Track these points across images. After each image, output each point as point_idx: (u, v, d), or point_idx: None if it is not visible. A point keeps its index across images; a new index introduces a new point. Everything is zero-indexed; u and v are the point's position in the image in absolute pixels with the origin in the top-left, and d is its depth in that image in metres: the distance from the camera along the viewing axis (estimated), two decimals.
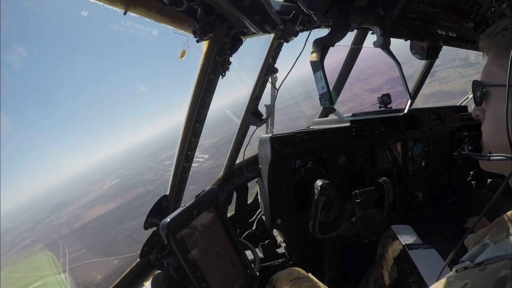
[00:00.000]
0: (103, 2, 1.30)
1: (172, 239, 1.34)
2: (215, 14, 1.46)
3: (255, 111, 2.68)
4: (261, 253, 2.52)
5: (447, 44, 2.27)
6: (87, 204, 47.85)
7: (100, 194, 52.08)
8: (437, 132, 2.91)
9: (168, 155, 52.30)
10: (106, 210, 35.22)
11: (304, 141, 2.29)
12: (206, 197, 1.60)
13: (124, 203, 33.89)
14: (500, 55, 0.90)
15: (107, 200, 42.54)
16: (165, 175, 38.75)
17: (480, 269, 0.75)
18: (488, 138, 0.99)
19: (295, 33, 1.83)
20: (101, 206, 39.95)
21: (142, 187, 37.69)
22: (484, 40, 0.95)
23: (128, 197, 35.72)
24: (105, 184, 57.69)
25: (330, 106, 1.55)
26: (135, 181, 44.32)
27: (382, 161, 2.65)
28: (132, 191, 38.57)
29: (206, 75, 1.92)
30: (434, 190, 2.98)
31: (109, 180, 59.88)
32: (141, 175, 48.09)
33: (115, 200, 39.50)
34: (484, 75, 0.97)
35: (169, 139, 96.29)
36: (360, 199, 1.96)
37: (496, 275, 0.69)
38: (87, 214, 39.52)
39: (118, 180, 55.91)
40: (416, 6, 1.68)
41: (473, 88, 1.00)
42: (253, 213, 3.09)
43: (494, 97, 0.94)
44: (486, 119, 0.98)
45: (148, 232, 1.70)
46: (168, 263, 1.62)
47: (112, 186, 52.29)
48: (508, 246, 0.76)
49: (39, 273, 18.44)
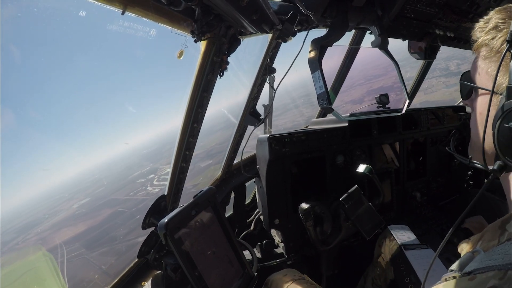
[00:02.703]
0: (101, 2, 1.30)
1: (170, 239, 1.34)
2: (213, 14, 1.46)
3: (253, 111, 2.68)
4: (259, 253, 2.51)
5: (445, 44, 2.28)
6: (55, 225, 46.66)
7: (69, 214, 51.06)
8: (435, 132, 2.91)
9: (141, 172, 51.39)
10: (74, 234, 34.24)
11: (302, 141, 2.29)
12: (204, 197, 1.60)
13: (94, 226, 33.10)
14: (490, 58, 0.91)
15: (76, 222, 41.61)
16: (138, 194, 37.73)
17: (469, 279, 0.75)
18: (474, 134, 1.01)
19: (293, 33, 1.83)
20: (69, 228, 39.08)
21: (112, 208, 36.94)
22: (475, 33, 0.97)
23: (98, 219, 34.99)
24: (75, 202, 56.66)
25: (328, 106, 1.55)
26: (106, 200, 43.38)
27: (380, 161, 2.66)
28: (102, 211, 37.82)
29: (204, 75, 1.91)
30: (432, 190, 2.98)
31: (79, 199, 58.59)
32: (113, 193, 47.03)
33: (84, 221, 38.62)
34: (473, 70, 0.99)
35: (142, 155, 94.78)
36: (348, 205, 1.96)
37: (485, 285, 0.70)
38: (55, 237, 38.13)
39: (89, 199, 54.83)
40: (414, 6, 1.69)
41: (461, 83, 1.03)
42: (251, 213, 3.09)
43: (480, 97, 0.96)
44: (473, 113, 1.01)
45: (146, 232, 1.70)
46: (166, 263, 1.62)
47: (82, 205, 51.20)
48: (498, 256, 0.76)
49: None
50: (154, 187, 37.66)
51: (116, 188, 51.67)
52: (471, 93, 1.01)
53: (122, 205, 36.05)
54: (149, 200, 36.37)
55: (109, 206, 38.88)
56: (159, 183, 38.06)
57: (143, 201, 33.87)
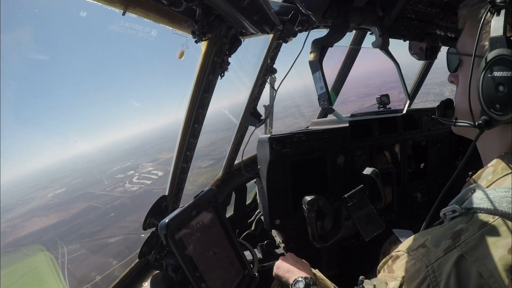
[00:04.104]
0: (102, 3, 1.30)
1: (171, 239, 1.35)
2: (214, 14, 1.46)
3: (254, 112, 2.68)
4: (260, 253, 2.51)
5: (446, 45, 2.27)
6: (27, 213, 45.18)
7: (42, 203, 49.41)
8: (436, 132, 2.91)
9: (122, 167, 50.39)
10: (45, 225, 33.43)
11: (302, 142, 2.29)
12: (205, 197, 1.60)
13: (65, 219, 32.36)
14: (473, 27, 0.93)
15: (48, 212, 40.58)
16: (115, 191, 36.83)
17: None
18: (458, 103, 1.06)
19: (293, 34, 1.82)
20: (40, 219, 37.98)
21: (87, 202, 35.97)
22: (462, 9, 0.98)
23: (71, 212, 34.29)
24: (50, 191, 54.89)
25: (328, 106, 1.55)
26: (82, 193, 42.48)
27: (380, 162, 2.66)
28: (76, 204, 37.05)
29: (205, 75, 1.91)
30: (433, 190, 2.98)
31: (55, 188, 56.99)
32: (89, 186, 46.04)
33: (56, 213, 37.83)
34: (459, 44, 1.02)
35: (125, 149, 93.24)
36: (351, 202, 1.96)
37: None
38: (25, 226, 36.99)
39: (65, 189, 53.33)
40: (415, 6, 1.69)
41: (447, 55, 1.07)
42: (252, 214, 3.08)
43: (466, 66, 0.99)
44: (459, 85, 1.04)
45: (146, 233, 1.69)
46: (167, 264, 1.63)
47: (56, 195, 49.81)
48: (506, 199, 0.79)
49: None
50: (133, 185, 36.93)
51: (94, 180, 50.85)
52: (457, 64, 1.04)
53: (97, 199, 35.22)
54: (126, 198, 34.68)
55: (84, 199, 38.05)
56: (139, 181, 37.28)
57: (120, 198, 33.37)
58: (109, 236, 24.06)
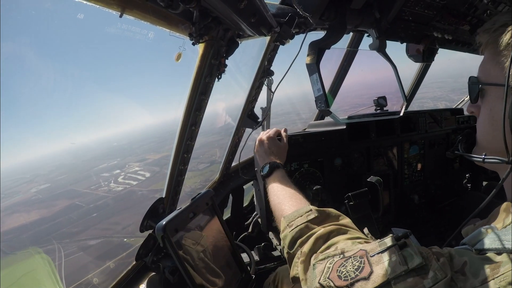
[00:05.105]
0: (99, 5, 1.30)
1: (168, 241, 1.34)
2: (211, 16, 1.46)
3: (251, 114, 2.68)
4: (257, 255, 2.51)
5: (443, 47, 2.29)
6: (9, 208, 45.06)
7: (25, 198, 49.27)
8: (433, 135, 2.92)
9: (108, 165, 49.81)
10: (26, 221, 33.11)
11: (299, 144, 2.29)
12: (202, 199, 1.60)
13: (47, 217, 31.93)
14: (499, 54, 0.86)
15: (30, 208, 40.18)
16: (99, 190, 36.74)
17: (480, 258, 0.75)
18: (483, 136, 0.99)
19: (291, 36, 1.83)
20: (21, 214, 37.88)
21: (70, 200, 35.63)
22: (482, 35, 0.92)
23: (53, 209, 33.79)
24: (34, 186, 54.86)
25: (326, 108, 1.55)
26: (65, 190, 42.01)
27: (378, 164, 2.66)
28: (59, 202, 36.45)
29: (202, 78, 1.91)
30: (430, 192, 2.98)
31: (39, 183, 56.68)
32: (74, 183, 45.45)
33: (38, 210, 37.42)
34: (481, 72, 0.95)
35: (113, 147, 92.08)
36: (354, 202, 1.96)
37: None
38: (5, 222, 37.02)
39: (48, 185, 53.19)
40: (412, 8, 1.69)
41: (469, 85, 0.97)
42: (249, 216, 3.08)
43: (490, 96, 0.92)
44: (481, 117, 0.97)
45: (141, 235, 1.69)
46: (164, 266, 1.62)
47: (40, 190, 49.43)
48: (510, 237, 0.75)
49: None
50: (118, 185, 36.58)
51: (78, 178, 50.47)
52: (478, 94, 0.97)
53: (80, 198, 34.94)
54: (110, 198, 34.41)
55: (67, 197, 37.76)
56: (125, 181, 36.99)
57: (103, 198, 33.13)
58: (90, 237, 23.81)
